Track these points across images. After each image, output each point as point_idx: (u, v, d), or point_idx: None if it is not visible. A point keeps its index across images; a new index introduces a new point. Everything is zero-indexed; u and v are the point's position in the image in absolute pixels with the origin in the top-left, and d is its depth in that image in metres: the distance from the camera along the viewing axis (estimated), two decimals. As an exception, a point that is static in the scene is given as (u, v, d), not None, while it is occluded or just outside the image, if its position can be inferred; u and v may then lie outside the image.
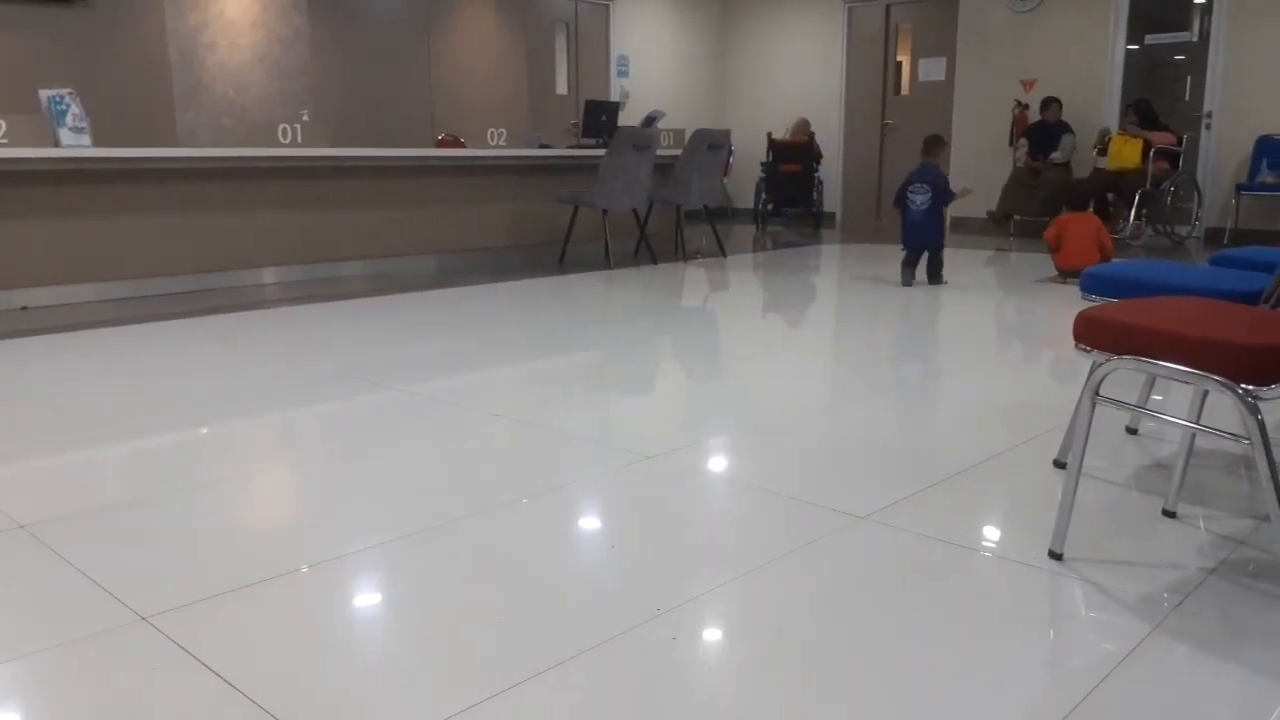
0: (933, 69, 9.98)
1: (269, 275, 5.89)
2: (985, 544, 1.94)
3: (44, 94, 4.99)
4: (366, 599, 1.72)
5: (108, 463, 2.49)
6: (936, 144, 5.87)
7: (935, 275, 5.81)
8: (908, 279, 5.77)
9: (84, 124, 5.03)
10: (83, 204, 5.15)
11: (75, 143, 4.99)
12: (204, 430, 2.76)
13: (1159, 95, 8.39)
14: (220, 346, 3.95)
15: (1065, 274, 5.89)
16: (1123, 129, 8.14)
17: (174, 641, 1.55)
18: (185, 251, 5.54)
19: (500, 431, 2.74)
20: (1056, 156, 8.64)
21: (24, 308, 4.96)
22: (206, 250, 5.63)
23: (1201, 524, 2.05)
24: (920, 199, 5.70)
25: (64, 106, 4.97)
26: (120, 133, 6.63)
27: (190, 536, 1.99)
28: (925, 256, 5.81)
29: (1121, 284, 2.36)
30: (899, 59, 10.39)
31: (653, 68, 10.89)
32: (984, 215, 9.09)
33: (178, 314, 4.77)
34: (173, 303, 5.14)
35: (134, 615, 1.64)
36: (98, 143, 5.22)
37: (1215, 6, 8.17)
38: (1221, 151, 8.26)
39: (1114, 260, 5.80)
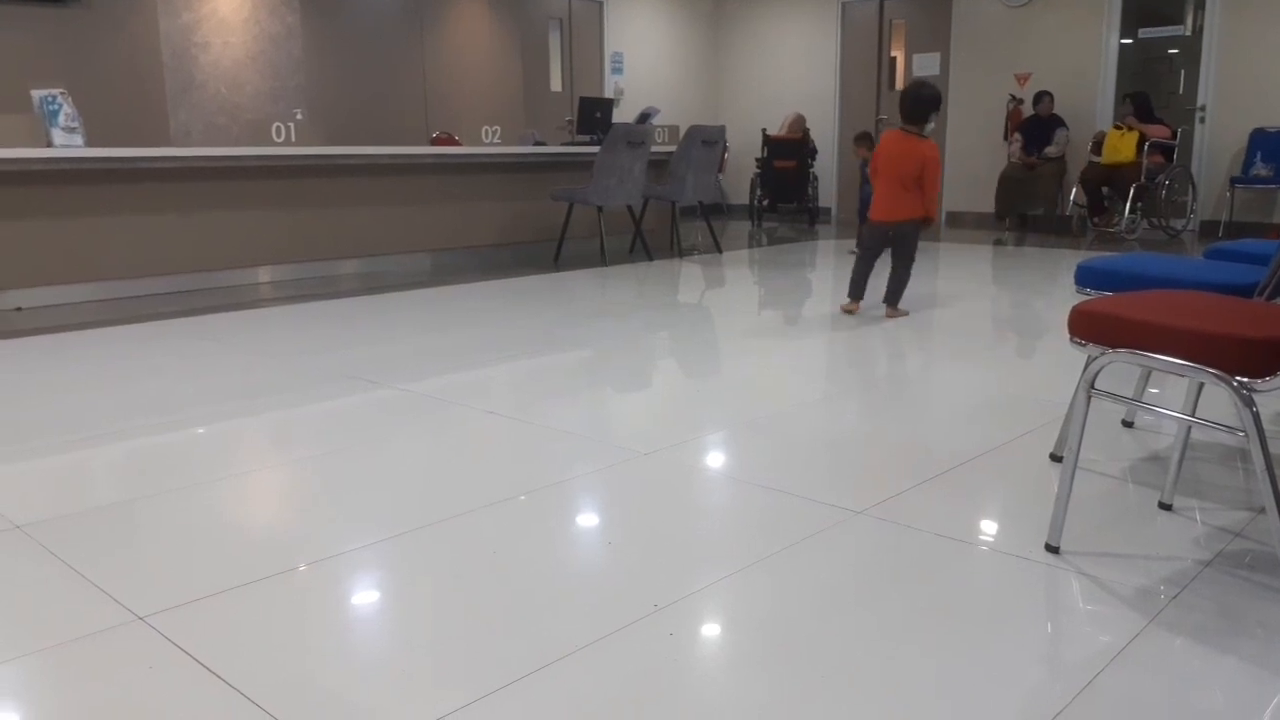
0: (927, 64, 9.98)
1: (263, 274, 5.88)
2: (982, 538, 1.94)
3: (36, 94, 4.97)
4: (363, 597, 1.71)
5: (103, 462, 2.48)
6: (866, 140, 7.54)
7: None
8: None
9: (76, 124, 5.01)
10: (76, 204, 5.14)
11: (68, 143, 4.98)
12: (199, 430, 2.76)
13: (1153, 89, 8.40)
14: (215, 346, 3.95)
15: (874, 228, 4.59)
16: (1119, 122, 8.14)
17: (171, 641, 1.55)
18: (179, 251, 5.53)
19: (495, 429, 2.73)
20: (1051, 151, 8.65)
21: (18, 308, 4.95)
22: (200, 250, 5.61)
23: (1198, 517, 2.06)
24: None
25: (56, 106, 4.95)
26: (113, 132, 6.62)
27: (186, 536, 1.99)
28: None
29: (1117, 277, 2.36)
30: (893, 54, 10.38)
31: (647, 64, 10.88)
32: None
33: (172, 314, 4.76)
34: (167, 302, 5.12)
35: (130, 615, 1.64)
36: (90, 143, 5.21)
37: None
38: (1216, 145, 8.28)
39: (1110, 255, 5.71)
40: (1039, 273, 6.03)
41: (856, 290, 4.58)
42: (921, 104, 4.38)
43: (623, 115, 9.23)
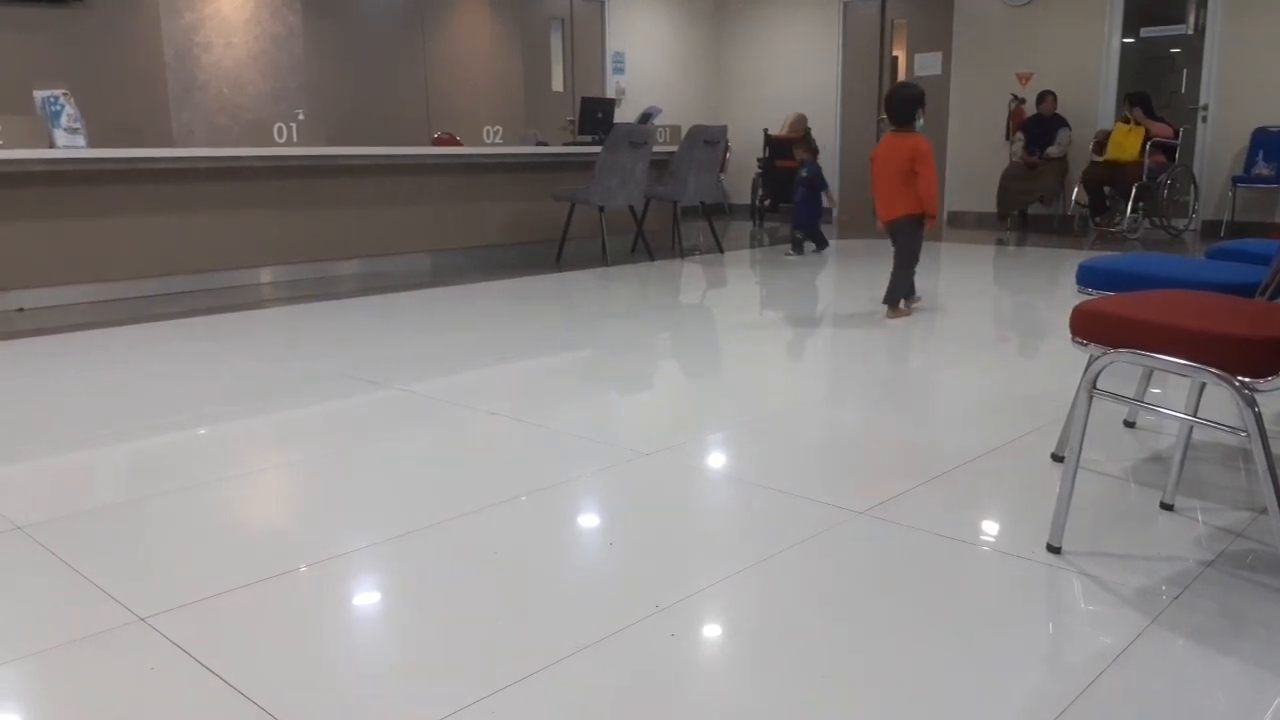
0: (929, 64, 9.98)
1: (265, 275, 5.89)
2: (983, 538, 1.94)
3: (39, 95, 4.98)
4: (364, 598, 1.72)
5: (105, 463, 2.48)
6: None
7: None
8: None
9: (79, 124, 5.02)
10: (78, 205, 5.14)
11: (70, 143, 4.98)
12: (201, 430, 2.76)
13: (1155, 88, 8.39)
14: (217, 346, 3.95)
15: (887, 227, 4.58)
16: (1126, 113, 8.09)
17: (172, 642, 1.55)
18: (181, 252, 5.53)
19: (497, 429, 2.74)
20: (1053, 151, 8.64)
21: (20, 309, 4.95)
22: (202, 250, 5.62)
23: (1199, 517, 2.05)
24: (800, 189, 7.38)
25: (59, 107, 4.96)
26: (115, 133, 6.62)
27: (188, 537, 1.99)
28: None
29: (1119, 277, 2.36)
30: (895, 54, 10.38)
31: (649, 64, 10.88)
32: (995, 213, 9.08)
33: (174, 314, 4.76)
34: (169, 303, 5.13)
35: (132, 616, 1.64)
36: (93, 143, 5.21)
37: (1211, -1, 8.18)
38: (1218, 144, 8.26)
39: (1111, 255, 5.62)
40: (1040, 272, 6.02)
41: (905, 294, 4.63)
42: (908, 104, 4.46)
43: (624, 115, 9.22)
